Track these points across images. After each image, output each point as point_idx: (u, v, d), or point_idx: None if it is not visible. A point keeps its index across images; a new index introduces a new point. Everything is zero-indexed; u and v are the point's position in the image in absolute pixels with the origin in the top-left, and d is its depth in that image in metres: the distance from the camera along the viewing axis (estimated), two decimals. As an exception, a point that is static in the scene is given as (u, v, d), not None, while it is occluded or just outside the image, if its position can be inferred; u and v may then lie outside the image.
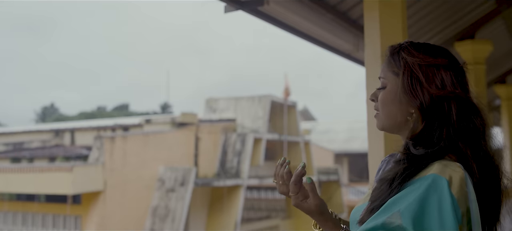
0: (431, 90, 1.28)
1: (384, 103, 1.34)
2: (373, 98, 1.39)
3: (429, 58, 1.31)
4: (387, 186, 1.23)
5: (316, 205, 1.37)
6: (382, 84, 1.36)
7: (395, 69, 1.33)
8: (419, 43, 1.36)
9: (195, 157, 15.77)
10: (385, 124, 1.37)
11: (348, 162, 30.96)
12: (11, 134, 19.34)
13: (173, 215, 13.69)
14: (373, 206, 1.22)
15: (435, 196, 1.16)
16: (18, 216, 15.32)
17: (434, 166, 1.20)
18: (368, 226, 1.18)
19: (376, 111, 1.39)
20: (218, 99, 18.78)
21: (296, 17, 3.70)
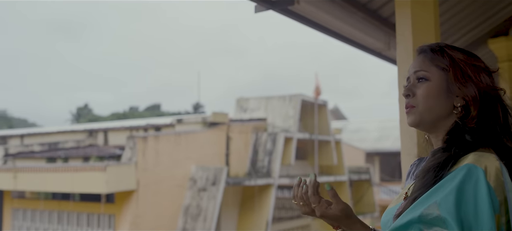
0: (480, 84, 1.34)
1: (428, 96, 1.36)
2: (409, 93, 1.40)
3: (471, 59, 1.38)
4: (432, 174, 1.25)
5: (341, 209, 1.38)
6: (423, 76, 1.37)
7: (440, 64, 1.37)
8: (454, 46, 1.42)
9: (226, 157, 15.84)
10: (425, 118, 1.37)
11: (380, 161, 30.69)
12: (47, 134, 19.70)
13: (205, 214, 13.77)
14: (416, 195, 1.24)
15: (471, 185, 1.18)
16: (53, 214, 15.61)
17: (469, 157, 1.23)
18: (405, 219, 1.20)
19: (410, 107, 1.39)
20: (249, 99, 18.82)
21: (326, 16, 3.69)
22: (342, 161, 20.54)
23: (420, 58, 1.41)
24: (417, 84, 1.38)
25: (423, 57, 1.40)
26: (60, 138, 18.71)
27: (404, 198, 1.36)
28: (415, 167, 1.52)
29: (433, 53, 1.39)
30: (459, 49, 1.40)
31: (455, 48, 1.41)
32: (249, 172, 16.45)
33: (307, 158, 19.87)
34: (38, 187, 15.05)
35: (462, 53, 1.38)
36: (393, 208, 1.38)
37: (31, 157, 15.73)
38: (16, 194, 16.53)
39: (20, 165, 14.87)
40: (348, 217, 1.38)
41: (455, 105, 1.34)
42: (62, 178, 13.57)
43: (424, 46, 1.43)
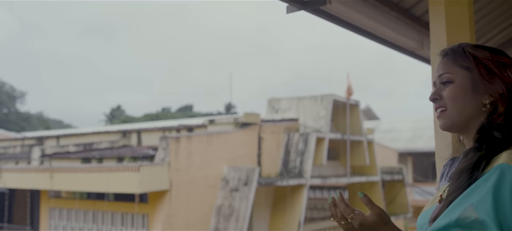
0: (507, 79, 1.33)
1: (455, 98, 1.35)
2: (436, 97, 1.40)
3: (496, 55, 1.37)
4: (466, 176, 1.24)
5: (378, 214, 1.37)
6: (447, 79, 1.37)
7: (463, 63, 1.36)
8: (476, 44, 1.42)
9: (258, 157, 15.88)
10: (455, 119, 1.36)
11: (412, 161, 30.36)
12: (82, 135, 20.02)
13: (237, 214, 13.83)
14: (451, 199, 1.23)
15: (507, 186, 1.17)
16: (88, 214, 15.87)
17: (502, 156, 1.22)
18: (442, 223, 1.19)
19: (440, 110, 1.39)
20: (280, 99, 18.83)
21: (359, 15, 3.68)
22: (375, 161, 20.37)
23: (443, 61, 1.41)
24: (443, 88, 1.38)
25: (446, 60, 1.40)
26: (94, 138, 18.99)
27: (439, 200, 1.36)
28: (448, 167, 1.52)
29: (455, 54, 1.39)
30: (483, 47, 1.40)
31: (478, 46, 1.40)
32: (281, 172, 16.45)
33: (339, 158, 19.77)
34: (74, 187, 15.30)
35: (486, 51, 1.38)
36: (429, 211, 1.37)
37: (66, 158, 16.01)
38: (53, 194, 16.86)
39: (56, 165, 15.14)
40: (386, 222, 1.36)
41: (483, 103, 1.33)
42: (96, 178, 13.76)
43: (446, 49, 1.43)
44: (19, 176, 16.30)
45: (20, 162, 17.32)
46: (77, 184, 14.65)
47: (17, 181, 16.40)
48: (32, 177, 15.72)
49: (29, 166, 16.22)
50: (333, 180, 18.34)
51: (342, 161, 19.62)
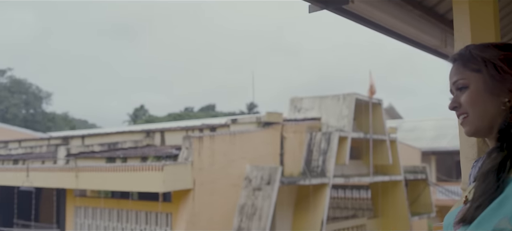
0: None
1: (474, 103, 1.34)
2: (455, 105, 1.38)
3: (504, 53, 1.34)
4: (493, 178, 1.22)
5: None
6: (462, 85, 1.36)
7: (474, 66, 1.34)
8: (483, 43, 1.39)
9: (280, 156, 15.89)
10: (478, 125, 1.34)
11: (436, 160, 30.08)
12: (106, 134, 20.22)
13: (260, 213, 13.86)
14: (480, 202, 1.21)
15: None
16: (113, 212, 16.04)
17: None
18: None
19: (462, 117, 1.37)
20: (303, 98, 18.81)
21: (381, 14, 3.68)
22: (398, 160, 20.25)
23: (455, 67, 1.40)
24: (460, 94, 1.36)
25: (457, 66, 1.39)
26: (119, 138, 19.17)
27: (464, 201, 1.33)
28: (474, 169, 1.47)
29: (464, 58, 1.37)
30: (492, 45, 1.37)
31: (487, 45, 1.38)
32: (304, 172, 16.44)
33: (362, 158, 19.69)
34: (99, 186, 15.48)
35: (495, 49, 1.35)
36: (455, 211, 1.35)
37: (91, 157, 16.19)
38: (78, 193, 17.08)
39: (81, 165, 15.32)
40: None
41: (503, 102, 1.31)
42: (121, 177, 13.89)
43: (454, 55, 1.41)
44: (45, 175, 16.55)
45: (46, 162, 17.56)
46: (102, 183, 14.81)
47: (44, 180, 16.65)
48: (58, 176, 15.95)
49: (55, 165, 16.44)
50: (355, 179, 18.27)
51: (365, 160, 19.53)
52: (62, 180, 15.75)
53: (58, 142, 21.89)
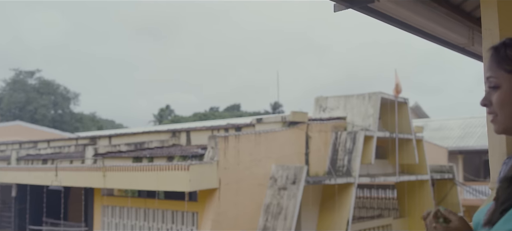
0: None
1: (504, 104, 1.32)
2: (486, 102, 1.36)
3: None
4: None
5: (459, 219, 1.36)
6: (494, 84, 1.34)
7: (507, 67, 1.32)
8: None
9: (306, 155, 15.88)
10: (507, 125, 1.33)
11: (463, 159, 29.71)
12: (133, 134, 20.43)
13: (285, 212, 13.87)
14: (504, 207, 1.21)
15: None
16: (140, 211, 16.20)
17: None
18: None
19: (492, 115, 1.36)
20: (328, 98, 18.76)
21: (407, 12, 3.67)
22: (424, 159, 20.07)
23: (490, 62, 1.37)
24: (492, 92, 1.34)
25: (491, 61, 1.36)
26: (145, 138, 19.36)
27: (494, 198, 1.32)
28: (506, 166, 1.46)
29: (498, 55, 1.34)
30: None
31: None
32: (329, 171, 16.41)
33: (388, 157, 19.56)
34: (126, 185, 15.64)
35: None
36: (484, 209, 1.35)
37: (118, 157, 16.38)
38: (105, 192, 17.29)
39: (108, 164, 15.50)
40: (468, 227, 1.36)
41: None
42: (147, 176, 13.99)
43: (493, 47, 1.38)
44: (73, 174, 16.79)
45: (74, 161, 17.83)
46: (129, 183, 14.95)
47: (72, 180, 16.88)
48: (85, 176, 16.16)
49: (83, 165, 16.67)
50: (381, 178, 18.16)
51: (391, 160, 19.40)
52: (90, 179, 15.94)
53: (86, 142, 22.20)
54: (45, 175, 17.78)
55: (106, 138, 21.21)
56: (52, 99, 64.54)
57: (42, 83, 65.22)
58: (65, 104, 65.71)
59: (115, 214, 17.08)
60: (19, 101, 61.34)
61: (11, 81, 64.86)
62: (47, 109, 62.70)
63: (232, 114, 54.50)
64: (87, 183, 16.37)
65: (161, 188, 14.19)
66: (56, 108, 64.97)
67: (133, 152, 17.04)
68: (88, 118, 70.39)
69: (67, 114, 65.60)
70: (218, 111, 63.26)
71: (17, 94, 61.86)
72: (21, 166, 20.66)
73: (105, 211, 17.39)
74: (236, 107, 67.21)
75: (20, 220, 21.64)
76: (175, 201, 15.12)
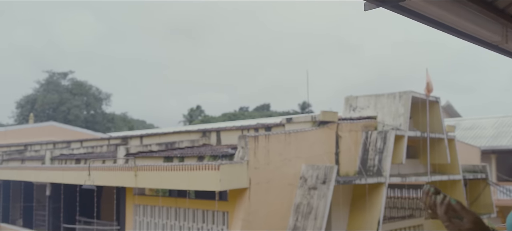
0: None
1: None
2: None
3: None
4: None
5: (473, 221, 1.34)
6: None
7: None
8: None
9: (336, 155, 15.83)
10: None
11: (496, 159, 29.20)
12: (164, 134, 20.63)
13: (316, 212, 13.85)
14: None
15: None
16: (171, 210, 16.35)
17: None
18: None
19: None
20: (358, 97, 18.65)
21: (439, 10, 3.64)
22: (456, 159, 19.80)
23: None
24: None
25: None
26: (176, 138, 19.54)
27: None
28: None
29: None
30: None
31: None
32: (359, 171, 16.32)
33: (419, 157, 19.36)
34: (157, 185, 15.79)
35: None
36: None
37: (150, 156, 16.56)
38: (137, 191, 17.49)
39: (140, 164, 15.67)
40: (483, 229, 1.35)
41: None
42: (178, 176, 14.09)
43: None
44: (106, 174, 17.04)
45: (106, 161, 18.09)
46: (160, 182, 15.08)
47: (104, 179, 17.13)
48: (118, 175, 16.38)
49: (115, 165, 16.90)
50: (412, 178, 17.98)
51: (422, 159, 19.21)
52: (122, 179, 16.15)
53: (117, 142, 22.52)
54: (78, 174, 18.08)
55: (137, 138, 21.47)
56: (85, 100, 65.60)
57: (74, 84, 66.37)
58: (97, 105, 66.73)
59: (146, 213, 17.27)
60: (53, 102, 62.50)
61: (45, 82, 66.16)
62: (80, 110, 63.74)
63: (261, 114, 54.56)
64: (119, 182, 16.58)
65: (192, 187, 14.27)
66: (89, 109, 66.02)
67: (164, 151, 17.20)
68: (120, 118, 71.35)
69: (99, 114, 66.60)
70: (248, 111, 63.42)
71: (50, 96, 63.05)
72: (55, 166, 21.05)
73: (136, 210, 17.60)
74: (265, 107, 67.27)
75: (54, 219, 22.06)
76: (206, 201, 15.22)
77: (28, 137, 34.06)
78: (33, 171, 21.96)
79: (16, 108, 65.58)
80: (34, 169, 22.01)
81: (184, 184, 14.05)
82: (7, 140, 33.36)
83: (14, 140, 33.16)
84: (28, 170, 22.55)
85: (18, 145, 31.25)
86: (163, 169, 14.60)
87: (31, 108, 62.15)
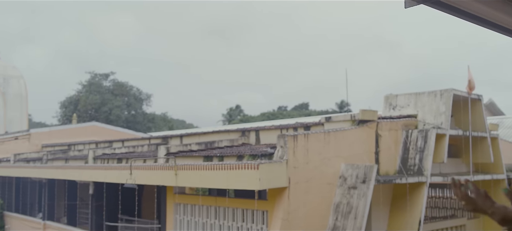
0: None
1: None
2: None
3: None
4: None
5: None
6: None
7: None
8: None
9: (375, 154, 15.69)
10: None
11: (542, 158, 28.38)
12: (203, 134, 20.82)
13: (356, 212, 13.77)
14: None
15: None
16: (211, 209, 16.49)
17: None
18: None
19: None
20: (397, 95, 18.45)
21: (481, 6, 3.60)
22: (500, 158, 19.38)
23: None
24: None
25: None
26: (215, 137, 19.68)
27: None
28: None
29: None
30: None
31: None
32: (400, 170, 16.15)
33: (461, 156, 19.02)
34: (196, 184, 15.95)
35: None
36: None
37: (189, 156, 16.72)
38: (177, 190, 17.70)
39: (180, 163, 15.84)
40: None
41: None
42: (218, 175, 14.17)
43: None
44: (147, 173, 17.29)
45: (147, 160, 18.35)
46: (200, 181, 15.21)
47: (145, 178, 17.38)
48: (158, 174, 16.60)
49: (156, 164, 17.12)
50: (455, 178, 17.66)
51: (464, 158, 18.87)
52: (162, 178, 16.35)
53: (158, 141, 22.84)
54: (120, 173, 18.41)
55: (177, 138, 21.73)
56: (126, 100, 66.71)
57: (116, 85, 67.58)
58: (138, 105, 67.77)
59: (186, 212, 17.46)
60: (95, 103, 63.76)
61: (87, 84, 67.56)
62: (121, 110, 64.84)
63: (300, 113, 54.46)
64: (159, 181, 16.80)
65: (231, 186, 14.35)
66: (130, 109, 67.10)
67: (203, 151, 17.35)
68: (160, 118, 72.35)
69: (140, 114, 67.62)
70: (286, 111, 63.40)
71: (93, 96, 64.35)
72: (98, 165, 21.48)
73: (177, 209, 17.82)
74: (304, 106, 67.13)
75: (97, 217, 22.52)
76: (245, 200, 15.30)
77: (72, 136, 34.86)
78: (77, 170, 22.47)
79: (60, 109, 67.22)
80: (78, 168, 22.52)
81: (224, 183, 14.13)
82: (51, 140, 34.22)
83: (58, 140, 34.01)
84: (71, 169, 23.09)
85: (62, 145, 32.04)
86: (203, 168, 14.71)
87: (74, 109, 63.57)
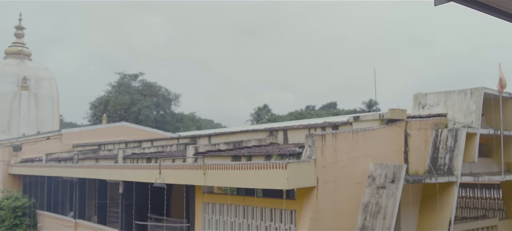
0: None
1: None
2: None
3: None
4: None
5: None
6: None
7: None
8: None
9: (404, 154, 15.56)
10: None
11: None
12: (231, 133, 20.90)
13: (384, 211, 13.67)
14: None
15: None
16: (239, 209, 16.56)
17: None
18: None
19: None
20: (427, 94, 18.24)
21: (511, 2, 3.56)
22: (533, 158, 19.01)
23: None
24: None
25: None
26: (243, 137, 19.74)
27: None
28: None
29: None
30: None
31: None
32: (429, 170, 15.97)
33: (492, 155, 18.73)
34: (225, 183, 16.02)
35: None
36: None
37: (218, 155, 16.80)
38: (206, 189, 17.81)
39: (208, 163, 15.92)
40: None
41: None
42: (246, 175, 14.20)
43: None
44: (175, 172, 17.43)
45: (176, 160, 18.50)
46: (228, 181, 15.28)
47: (174, 177, 17.52)
48: (187, 174, 16.71)
49: (185, 163, 17.24)
50: (485, 177, 17.42)
51: (496, 158, 18.57)
52: (191, 177, 16.46)
53: (186, 141, 23.01)
54: (149, 173, 18.61)
55: (206, 137, 21.85)
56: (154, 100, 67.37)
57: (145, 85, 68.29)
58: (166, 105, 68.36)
59: (215, 211, 17.56)
60: (124, 103, 64.52)
61: (117, 84, 68.40)
62: (150, 110, 65.47)
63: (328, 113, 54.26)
64: (188, 180, 16.91)
65: (259, 186, 14.37)
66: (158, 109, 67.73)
67: (232, 150, 17.42)
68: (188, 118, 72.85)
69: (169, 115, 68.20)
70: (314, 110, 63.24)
71: (122, 97, 65.13)
72: (127, 164, 21.74)
73: (205, 208, 17.93)
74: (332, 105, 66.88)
75: (127, 216, 22.81)
76: (273, 199, 15.32)
77: (102, 136, 35.38)
78: (107, 170, 22.79)
79: (90, 110, 68.21)
80: (108, 168, 22.83)
81: (252, 182, 14.16)
82: (82, 140, 34.80)
83: (89, 140, 34.56)
84: (102, 168, 23.42)
85: (93, 145, 32.54)
86: (231, 167, 14.77)
87: (104, 109, 64.45)
